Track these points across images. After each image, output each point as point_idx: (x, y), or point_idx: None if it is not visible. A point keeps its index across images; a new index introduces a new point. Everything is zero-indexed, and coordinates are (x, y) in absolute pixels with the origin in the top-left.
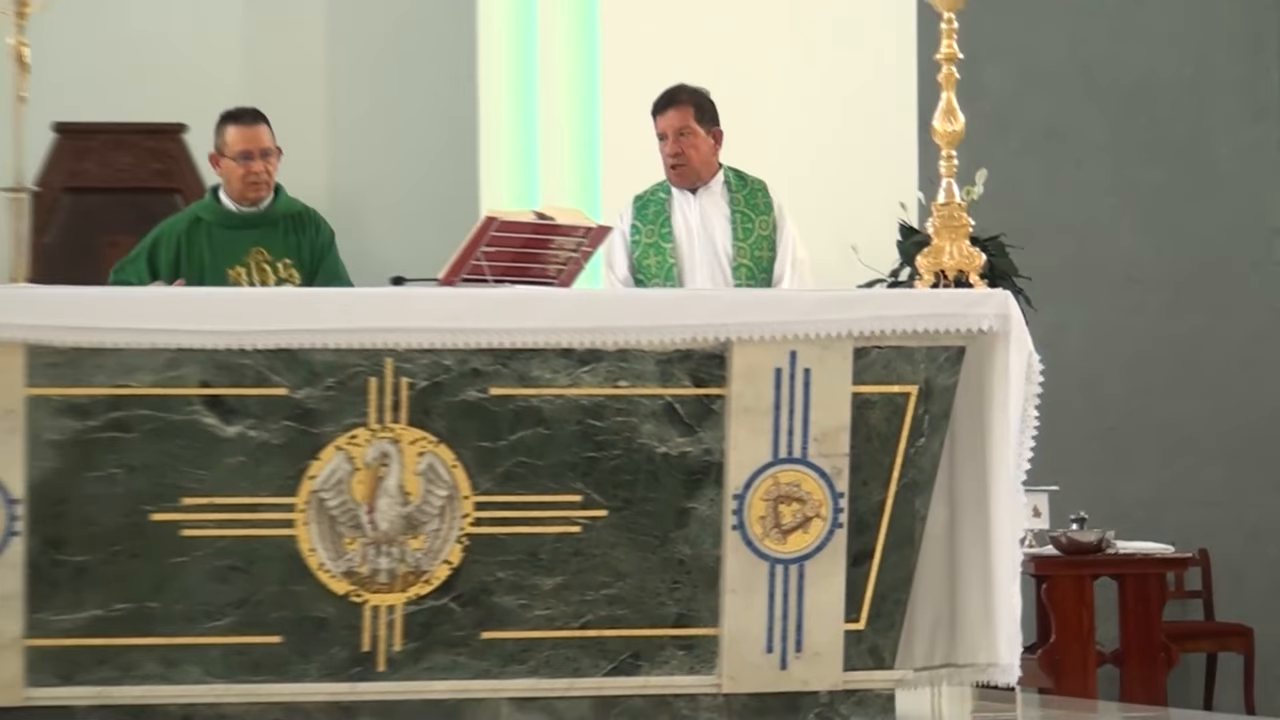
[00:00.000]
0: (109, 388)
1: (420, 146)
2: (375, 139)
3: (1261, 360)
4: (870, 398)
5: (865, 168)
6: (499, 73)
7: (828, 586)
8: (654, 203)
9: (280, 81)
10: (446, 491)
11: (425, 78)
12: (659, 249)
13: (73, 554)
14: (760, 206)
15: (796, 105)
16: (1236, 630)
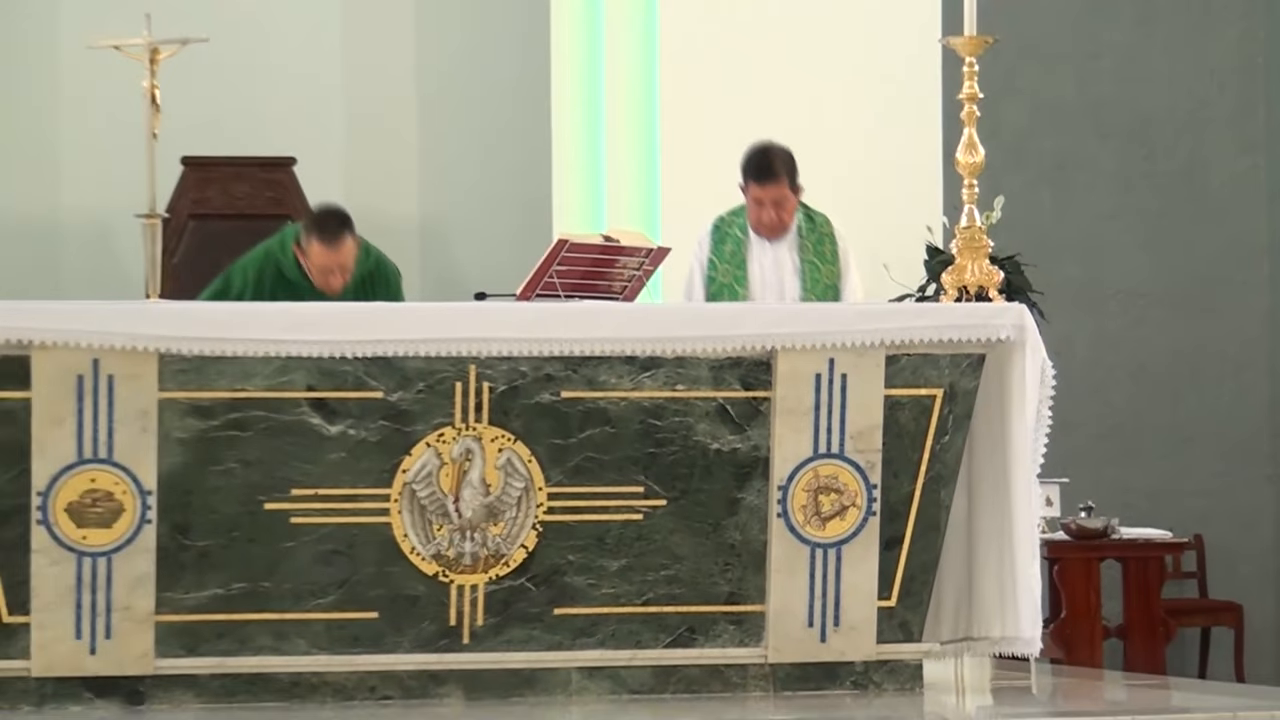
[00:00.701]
0: (229, 391)
1: (499, 174)
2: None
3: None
4: (900, 400)
5: (895, 195)
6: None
7: (862, 568)
8: (731, 239)
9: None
10: (523, 483)
11: (503, 110)
12: (733, 291)
13: (196, 539)
14: (827, 255)
15: (835, 138)
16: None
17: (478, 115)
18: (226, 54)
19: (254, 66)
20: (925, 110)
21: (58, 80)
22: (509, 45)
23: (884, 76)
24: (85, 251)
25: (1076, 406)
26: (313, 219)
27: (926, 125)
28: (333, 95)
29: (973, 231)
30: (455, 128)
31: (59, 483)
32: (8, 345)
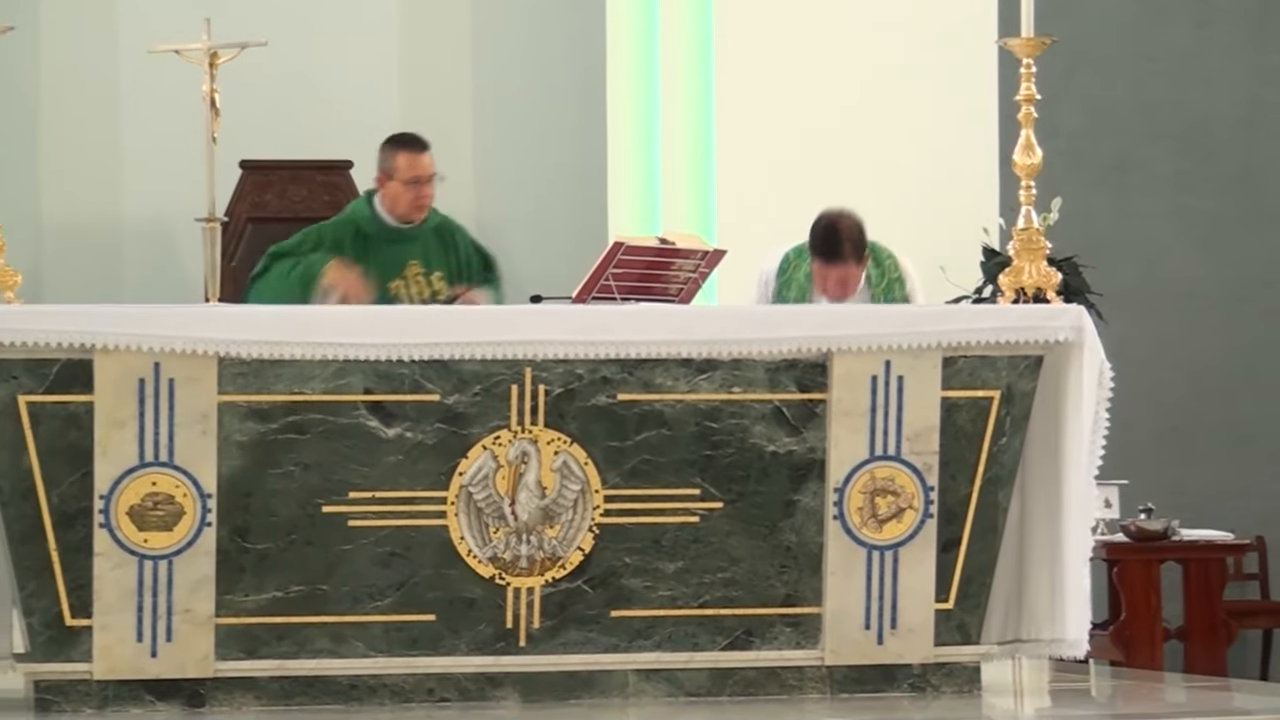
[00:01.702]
0: (287, 395)
1: (555, 177)
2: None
3: None
4: (957, 401)
5: (952, 197)
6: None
7: (919, 570)
8: (796, 285)
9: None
10: (579, 486)
11: (559, 113)
12: None
13: (256, 542)
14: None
15: (892, 141)
16: None
17: (533, 118)
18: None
19: (311, 70)
20: (981, 112)
21: (119, 85)
22: (565, 49)
23: (940, 78)
24: (146, 254)
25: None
26: (392, 138)
27: (983, 127)
28: (389, 98)
29: (1030, 233)
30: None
31: (121, 486)
32: (72, 349)
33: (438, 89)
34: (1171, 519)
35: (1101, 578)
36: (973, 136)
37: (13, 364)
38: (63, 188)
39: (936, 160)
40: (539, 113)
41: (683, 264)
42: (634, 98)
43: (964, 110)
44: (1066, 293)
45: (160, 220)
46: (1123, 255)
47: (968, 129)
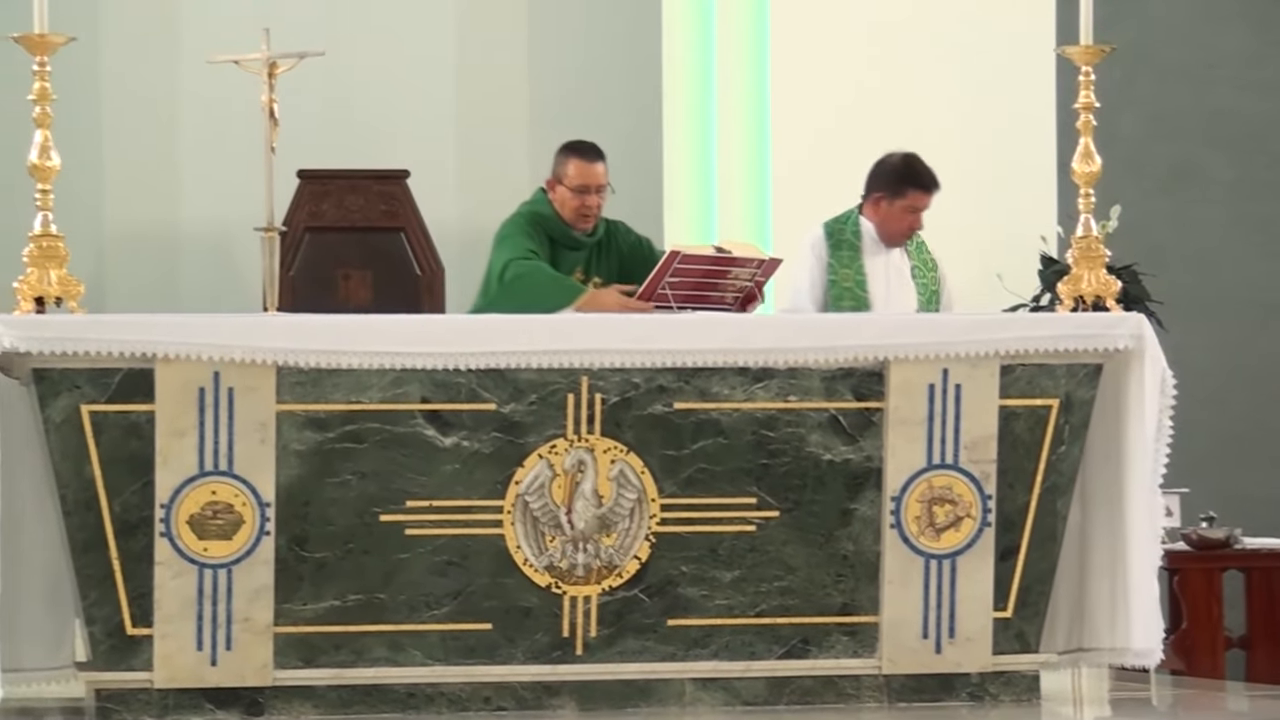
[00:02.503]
0: (345, 404)
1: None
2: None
3: None
4: (1016, 410)
5: (1009, 205)
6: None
7: (977, 579)
8: (846, 244)
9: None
10: (635, 495)
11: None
12: (855, 295)
13: (314, 551)
14: (929, 262)
15: (949, 148)
16: None
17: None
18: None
19: (368, 80)
20: (1039, 120)
21: (179, 96)
22: (621, 59)
23: (998, 86)
24: (205, 263)
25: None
26: (567, 145)
27: (1041, 135)
28: (445, 108)
29: (1089, 241)
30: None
31: (181, 495)
32: (133, 358)
33: (494, 99)
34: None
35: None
36: (1031, 144)
37: (76, 374)
38: (124, 198)
39: (994, 168)
40: (595, 122)
41: (739, 273)
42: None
43: (1022, 118)
44: (1126, 301)
45: (219, 229)
46: (1183, 262)
47: (1026, 137)
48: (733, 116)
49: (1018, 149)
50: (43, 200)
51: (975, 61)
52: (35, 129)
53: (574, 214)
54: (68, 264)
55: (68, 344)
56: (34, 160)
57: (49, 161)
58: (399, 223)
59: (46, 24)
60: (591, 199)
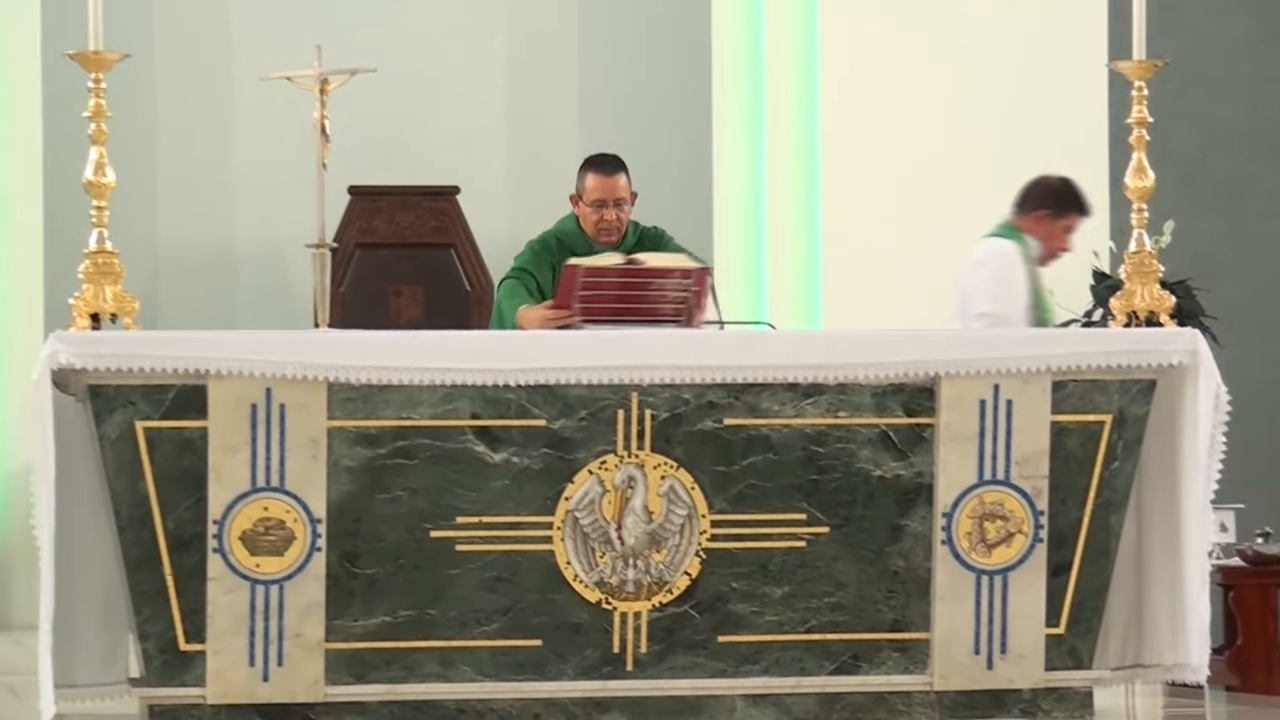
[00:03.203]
0: (395, 420)
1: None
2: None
3: None
4: (1068, 426)
5: None
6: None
7: (1029, 595)
8: (1027, 258)
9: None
10: (686, 511)
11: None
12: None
13: (364, 567)
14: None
15: (999, 163)
16: None
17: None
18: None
19: (418, 97)
20: (1091, 134)
21: (231, 112)
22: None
23: (1049, 101)
24: (258, 280)
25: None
26: (586, 160)
27: (1093, 149)
28: (495, 125)
29: (1142, 256)
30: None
31: (234, 511)
32: (187, 375)
33: (543, 115)
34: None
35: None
36: (1083, 159)
37: (130, 390)
38: (177, 214)
39: None
40: (644, 139)
41: (664, 284)
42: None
43: (1074, 133)
44: (1180, 316)
45: (271, 246)
46: (1237, 277)
47: (1078, 152)
48: (782, 139)
49: (1069, 164)
50: (98, 217)
51: (1027, 77)
52: (90, 146)
53: (594, 228)
54: (123, 280)
55: (123, 360)
56: (89, 177)
57: (104, 178)
58: (449, 239)
59: (102, 41)
60: (610, 213)
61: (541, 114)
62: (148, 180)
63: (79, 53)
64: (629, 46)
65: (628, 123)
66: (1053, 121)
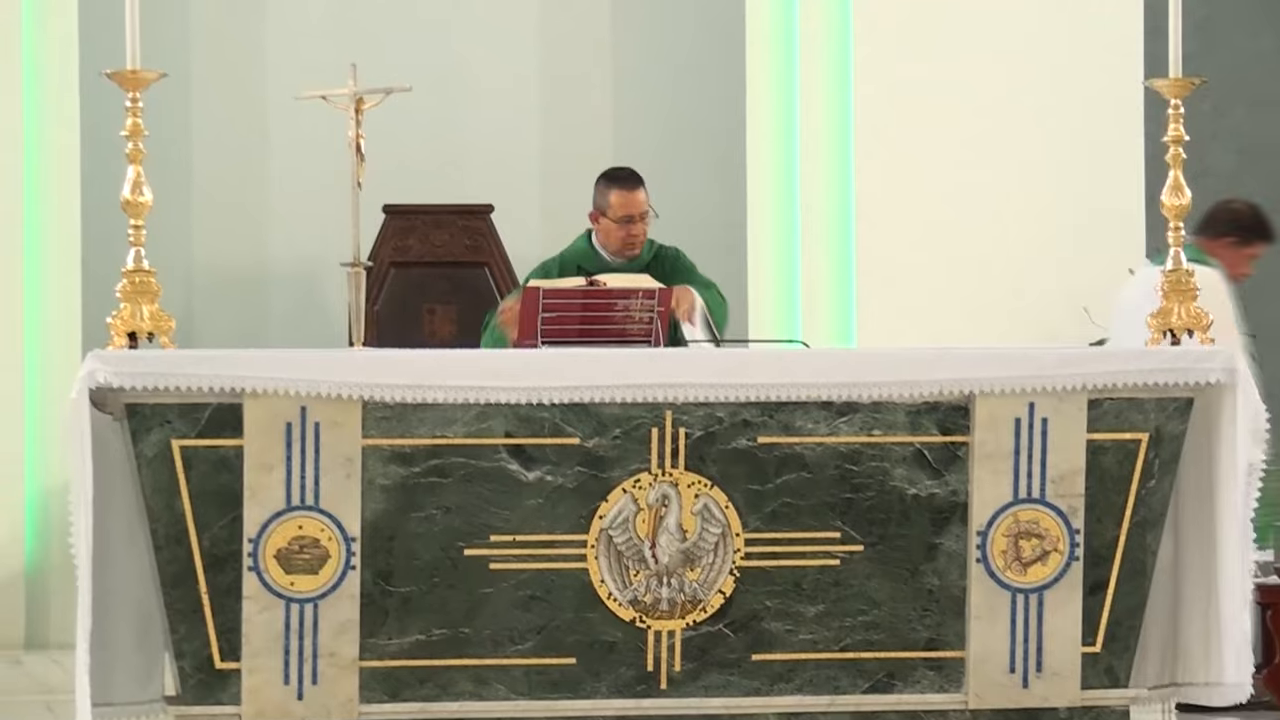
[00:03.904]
0: (429, 438)
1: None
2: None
3: None
4: (1104, 444)
5: (1097, 238)
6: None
7: (1065, 613)
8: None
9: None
10: (720, 529)
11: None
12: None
13: (398, 585)
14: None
15: (1034, 181)
16: None
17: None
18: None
19: (453, 115)
20: (1127, 153)
21: (266, 131)
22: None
23: (1085, 119)
24: (292, 298)
25: None
26: (605, 175)
27: (1129, 168)
28: (529, 144)
29: (1179, 274)
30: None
31: (269, 529)
32: (222, 393)
33: (577, 133)
34: None
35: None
36: (1119, 177)
37: (167, 409)
38: (213, 233)
39: (1081, 201)
40: (679, 158)
41: (629, 304)
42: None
43: (1110, 151)
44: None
45: (306, 265)
46: (1275, 294)
47: (1113, 170)
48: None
49: (1105, 182)
50: (135, 236)
51: (1062, 96)
52: (128, 165)
53: (620, 243)
54: (159, 299)
55: (159, 379)
56: (126, 196)
57: (141, 197)
58: (483, 257)
59: (139, 60)
60: (636, 227)
61: (576, 132)
62: (183, 199)
63: (117, 72)
64: (663, 65)
65: (662, 140)
66: (1089, 139)
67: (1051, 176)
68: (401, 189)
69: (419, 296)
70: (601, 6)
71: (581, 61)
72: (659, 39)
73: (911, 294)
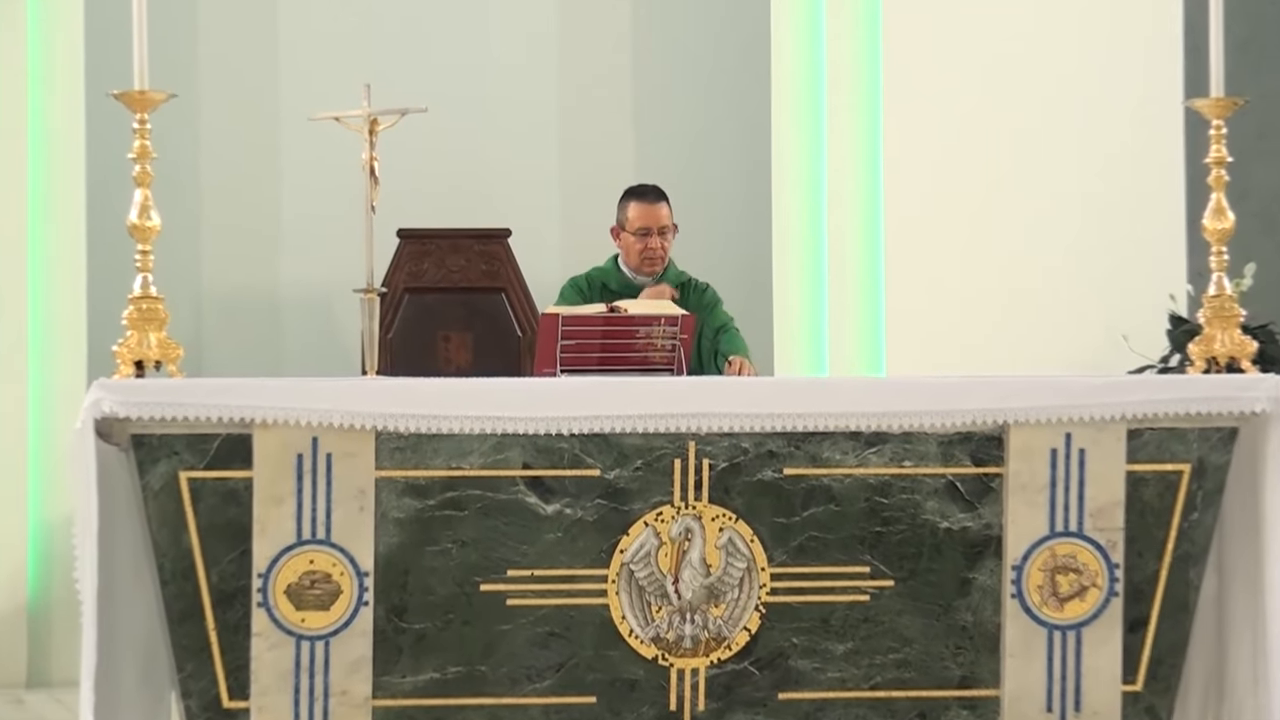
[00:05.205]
0: (445, 470)
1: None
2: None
3: None
4: (1144, 475)
5: (1134, 263)
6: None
7: (1105, 651)
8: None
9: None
10: (745, 564)
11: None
12: None
13: (413, 621)
14: None
15: (1071, 204)
16: None
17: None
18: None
19: (470, 137)
20: (1167, 175)
21: (278, 153)
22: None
23: (1122, 141)
24: (304, 325)
25: None
26: (628, 190)
27: (1169, 190)
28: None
29: (1222, 300)
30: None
31: (279, 564)
32: (232, 423)
33: (597, 156)
34: None
35: None
36: (1158, 200)
37: (174, 439)
38: (222, 258)
39: (1120, 224)
40: (703, 178)
41: (651, 331)
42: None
43: (1149, 173)
44: (1262, 361)
45: (318, 291)
46: None
47: (1153, 192)
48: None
49: (1144, 205)
50: (142, 261)
51: (1100, 117)
52: (135, 188)
53: (639, 258)
54: (167, 327)
55: (166, 409)
56: (133, 220)
57: (149, 221)
58: (500, 283)
59: (147, 81)
60: (655, 240)
61: (596, 154)
62: (192, 224)
63: (124, 93)
64: (686, 85)
65: (685, 163)
66: (1127, 162)
67: (1089, 199)
68: (416, 212)
69: (434, 323)
70: (622, 24)
71: (602, 80)
72: (681, 56)
73: (943, 321)
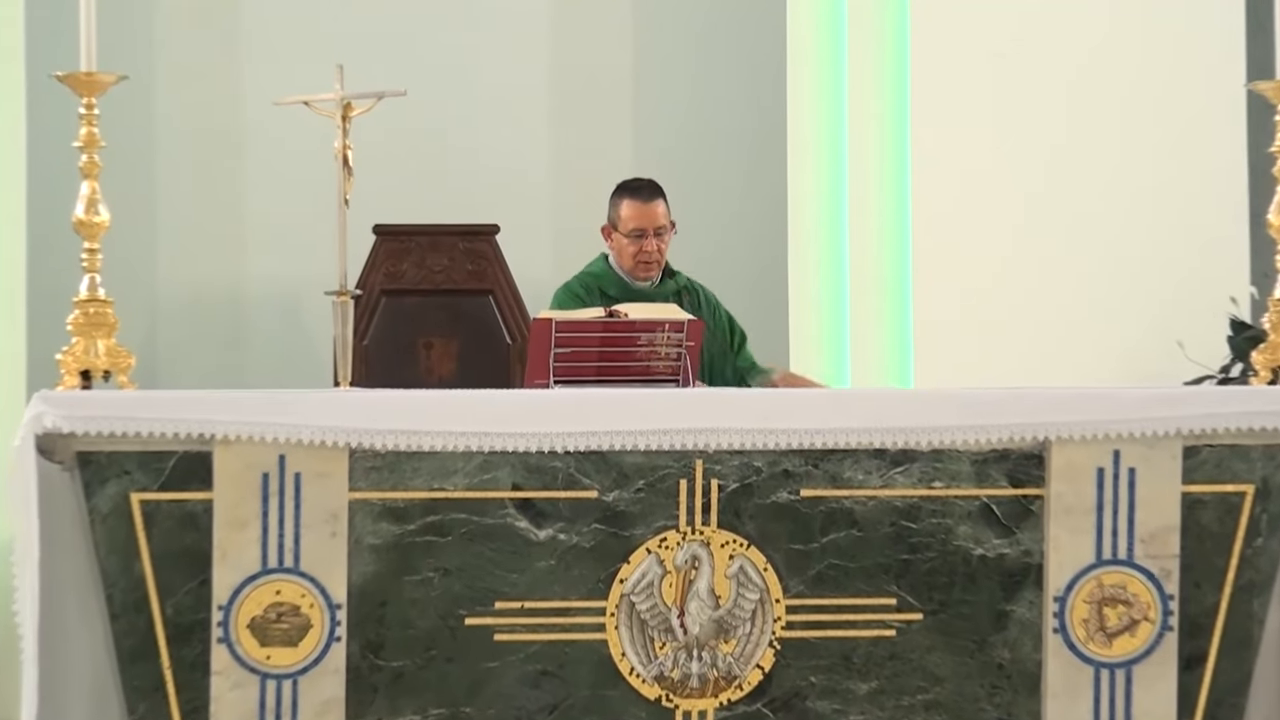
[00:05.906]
0: (426, 491)
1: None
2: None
3: None
4: (1202, 497)
5: (1191, 263)
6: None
7: (1158, 691)
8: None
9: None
10: (757, 595)
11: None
12: None
13: (390, 659)
14: None
15: (1119, 198)
16: None
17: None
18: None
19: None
20: (1228, 166)
21: (242, 141)
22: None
23: (1179, 129)
24: (270, 331)
25: None
26: (621, 185)
27: (1230, 183)
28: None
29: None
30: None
31: (242, 595)
32: (189, 440)
33: (592, 146)
34: None
35: None
36: (1217, 194)
37: (125, 457)
38: (180, 258)
39: (1174, 221)
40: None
41: (654, 338)
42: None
43: (1209, 164)
44: None
45: (286, 293)
46: None
47: (1211, 186)
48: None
49: (1201, 198)
50: (89, 260)
51: (1155, 105)
52: (81, 180)
53: (632, 261)
54: (117, 333)
55: (116, 423)
56: (80, 215)
57: (97, 217)
58: (487, 285)
59: (95, 62)
60: (650, 243)
61: (591, 143)
62: (145, 219)
63: (69, 75)
64: (690, 67)
65: (689, 153)
66: (1183, 150)
67: (1139, 194)
68: (394, 207)
69: (414, 329)
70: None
71: (598, 64)
72: (686, 36)
73: (977, 328)
